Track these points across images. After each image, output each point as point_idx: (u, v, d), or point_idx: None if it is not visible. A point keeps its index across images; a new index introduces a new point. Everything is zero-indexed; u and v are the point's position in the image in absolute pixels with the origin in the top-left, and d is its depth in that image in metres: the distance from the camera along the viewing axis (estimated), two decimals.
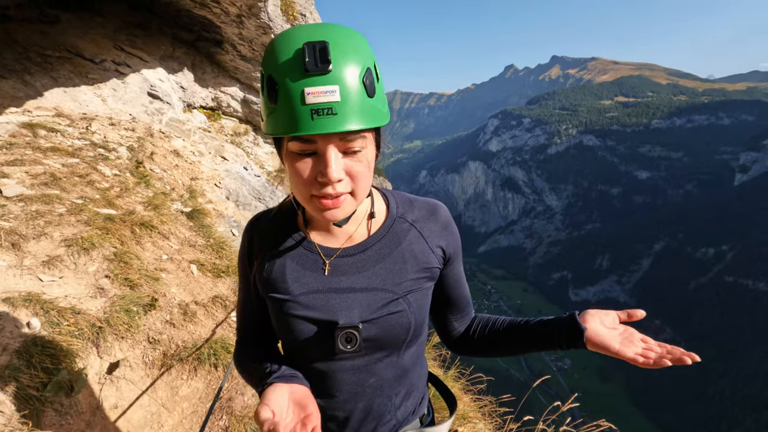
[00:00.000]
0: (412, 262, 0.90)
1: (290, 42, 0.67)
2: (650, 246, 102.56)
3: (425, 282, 0.92)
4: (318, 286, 0.87)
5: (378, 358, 0.90)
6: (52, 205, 2.58)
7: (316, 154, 0.72)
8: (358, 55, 0.68)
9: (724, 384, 69.33)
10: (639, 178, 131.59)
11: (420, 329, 0.93)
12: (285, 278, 0.88)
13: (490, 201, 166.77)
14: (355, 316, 0.85)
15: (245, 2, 6.85)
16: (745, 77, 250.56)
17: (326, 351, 0.86)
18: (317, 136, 0.68)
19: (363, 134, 0.72)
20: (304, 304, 0.86)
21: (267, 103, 0.70)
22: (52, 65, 5.46)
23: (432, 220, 0.95)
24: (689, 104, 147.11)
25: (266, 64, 0.70)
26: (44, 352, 1.71)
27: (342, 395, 0.91)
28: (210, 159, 5.03)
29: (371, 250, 0.90)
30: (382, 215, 0.94)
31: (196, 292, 2.68)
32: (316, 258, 0.89)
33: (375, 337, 0.86)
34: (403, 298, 0.87)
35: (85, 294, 2.10)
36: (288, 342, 0.90)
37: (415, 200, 0.98)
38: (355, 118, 0.67)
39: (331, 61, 0.64)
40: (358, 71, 0.67)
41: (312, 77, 0.64)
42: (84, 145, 3.61)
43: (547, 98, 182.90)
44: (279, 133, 0.69)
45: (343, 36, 0.68)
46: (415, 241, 0.92)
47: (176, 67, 7.51)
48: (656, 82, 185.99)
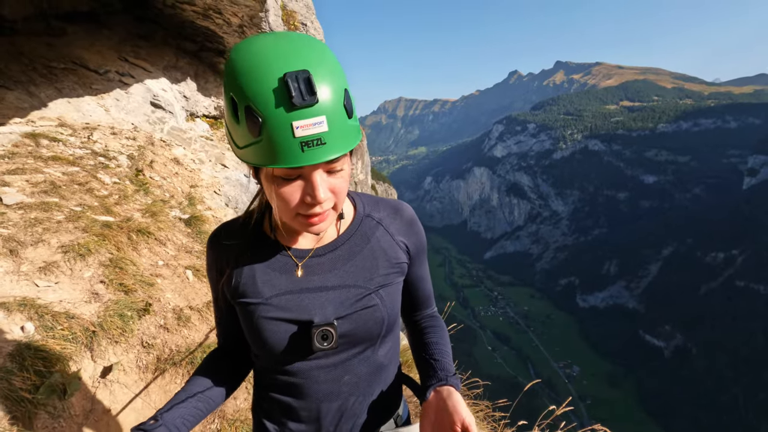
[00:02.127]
0: (382, 257, 0.93)
1: (264, 69, 0.65)
2: (658, 251, 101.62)
3: (396, 276, 0.95)
4: (290, 287, 0.88)
5: (353, 354, 0.92)
6: (50, 212, 2.63)
7: (301, 177, 0.72)
8: (335, 78, 0.68)
9: (737, 391, 68.10)
10: (645, 183, 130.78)
11: (393, 323, 0.96)
12: (255, 283, 0.89)
13: (495, 207, 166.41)
14: (329, 314, 0.87)
15: (247, 13, 6.98)
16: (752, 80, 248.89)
17: (302, 351, 0.88)
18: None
19: (345, 154, 0.74)
20: (277, 306, 0.87)
21: (246, 133, 0.68)
22: (57, 76, 5.58)
23: (397, 218, 0.98)
24: (695, 108, 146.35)
25: (238, 91, 0.66)
26: (37, 355, 1.74)
27: (317, 395, 0.92)
28: (210, 167, 5.09)
29: (342, 249, 0.92)
30: (350, 215, 0.97)
31: (191, 297, 2.72)
32: (287, 260, 0.91)
33: (350, 332, 0.88)
34: (375, 293, 0.90)
35: (80, 299, 2.13)
36: (261, 346, 0.90)
37: (380, 200, 1.01)
38: (341, 143, 0.69)
39: (316, 91, 0.63)
40: (338, 98, 0.68)
41: (300, 110, 0.64)
42: (85, 154, 3.68)
43: (551, 103, 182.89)
44: (266, 164, 0.68)
45: (319, 60, 0.67)
46: (383, 238, 0.95)
47: (179, 76, 7.64)
48: (661, 86, 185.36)
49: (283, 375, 0.92)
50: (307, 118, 0.64)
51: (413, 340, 1.10)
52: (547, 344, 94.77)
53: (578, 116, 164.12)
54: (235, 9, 6.83)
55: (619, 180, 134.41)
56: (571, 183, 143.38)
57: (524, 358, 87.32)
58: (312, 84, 0.63)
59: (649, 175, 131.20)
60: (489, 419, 2.97)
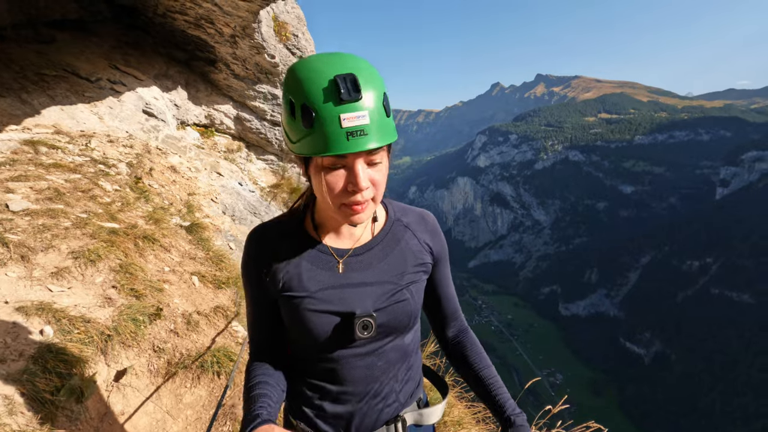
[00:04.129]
0: (410, 257, 1.05)
1: (318, 73, 0.77)
2: (637, 259, 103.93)
3: (422, 275, 1.07)
4: (332, 283, 0.99)
5: (386, 342, 1.03)
6: (57, 219, 2.65)
7: (345, 167, 0.83)
8: (377, 83, 0.81)
9: (715, 396, 69.70)
10: (624, 193, 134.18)
11: (418, 316, 1.08)
12: (301, 278, 0.98)
13: (479, 216, 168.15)
14: (369, 306, 0.97)
15: (239, 23, 7.04)
16: (721, 95, 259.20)
17: (344, 340, 0.98)
18: (349, 153, 0.80)
19: (383, 148, 0.85)
20: (322, 299, 0.97)
21: (300, 127, 0.80)
22: (48, 84, 5.54)
23: (422, 224, 1.11)
24: (670, 121, 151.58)
25: (295, 93, 0.80)
26: (58, 358, 1.78)
27: (354, 379, 1.02)
28: (206, 175, 5.12)
29: (377, 249, 1.04)
30: (382, 219, 1.09)
31: (198, 302, 2.76)
32: (329, 258, 1.01)
33: (385, 323, 0.99)
34: (406, 288, 1.02)
35: (94, 303, 2.16)
36: (306, 336, 0.98)
37: (408, 208, 1.14)
38: (379, 136, 0.80)
39: (360, 90, 0.76)
40: (379, 97, 0.80)
41: (346, 104, 0.75)
42: (85, 162, 3.68)
43: (533, 115, 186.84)
44: (318, 153, 0.79)
45: (364, 67, 0.80)
46: (411, 240, 1.07)
47: (170, 85, 7.64)
48: (638, 100, 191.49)
49: (323, 362, 1.02)
50: (353, 111, 0.76)
51: (458, 363, 1.21)
52: (531, 353, 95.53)
53: (559, 128, 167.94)
54: (227, 19, 6.89)
55: (599, 190, 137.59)
56: (553, 193, 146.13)
57: (509, 367, 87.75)
58: (357, 84, 0.75)
59: (627, 185, 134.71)
60: (488, 420, 3.07)
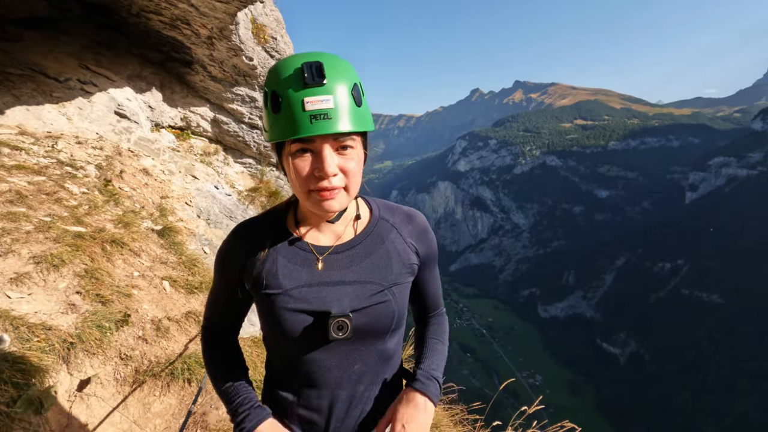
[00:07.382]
0: (396, 258, 1.01)
1: (291, 63, 0.80)
2: (612, 261, 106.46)
3: (407, 276, 1.03)
4: (310, 280, 0.95)
5: (364, 345, 0.99)
6: (18, 222, 2.53)
7: (314, 153, 0.83)
8: (346, 73, 0.82)
9: (687, 395, 71.79)
10: (599, 197, 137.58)
11: (401, 318, 1.04)
12: (277, 275, 0.95)
13: (459, 220, 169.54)
14: (345, 306, 0.94)
15: (216, 25, 6.93)
16: (690, 103, 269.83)
17: (318, 340, 0.94)
18: (315, 136, 0.80)
19: (353, 136, 0.84)
20: (297, 297, 0.93)
21: (271, 114, 0.83)
22: (13, 83, 5.33)
23: (409, 224, 1.08)
24: (642, 127, 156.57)
25: (269, 83, 0.83)
26: (15, 367, 1.69)
27: (329, 383, 0.98)
28: (180, 178, 5.00)
29: (359, 247, 1.00)
30: (366, 217, 1.06)
31: (169, 308, 2.68)
32: (308, 255, 0.98)
33: (363, 325, 0.95)
34: (389, 290, 0.98)
35: (56, 310, 2.07)
36: (280, 335, 0.96)
37: (395, 207, 1.11)
38: (345, 121, 0.80)
39: (326, 76, 0.77)
40: (347, 86, 0.81)
41: (310, 89, 0.77)
42: (50, 163, 3.55)
43: (511, 120, 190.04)
44: (283, 137, 0.80)
45: (334, 59, 0.82)
46: (396, 240, 1.04)
47: (144, 86, 7.44)
48: (611, 107, 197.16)
49: (297, 363, 0.98)
50: (316, 95, 0.77)
51: (417, 333, 1.21)
52: (511, 355, 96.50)
53: (536, 133, 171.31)
54: (204, 21, 6.77)
55: (575, 194, 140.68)
56: (531, 197, 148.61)
57: (489, 370, 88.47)
58: (322, 70, 0.77)
59: (602, 189, 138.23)
60: (465, 422, 3.07)
